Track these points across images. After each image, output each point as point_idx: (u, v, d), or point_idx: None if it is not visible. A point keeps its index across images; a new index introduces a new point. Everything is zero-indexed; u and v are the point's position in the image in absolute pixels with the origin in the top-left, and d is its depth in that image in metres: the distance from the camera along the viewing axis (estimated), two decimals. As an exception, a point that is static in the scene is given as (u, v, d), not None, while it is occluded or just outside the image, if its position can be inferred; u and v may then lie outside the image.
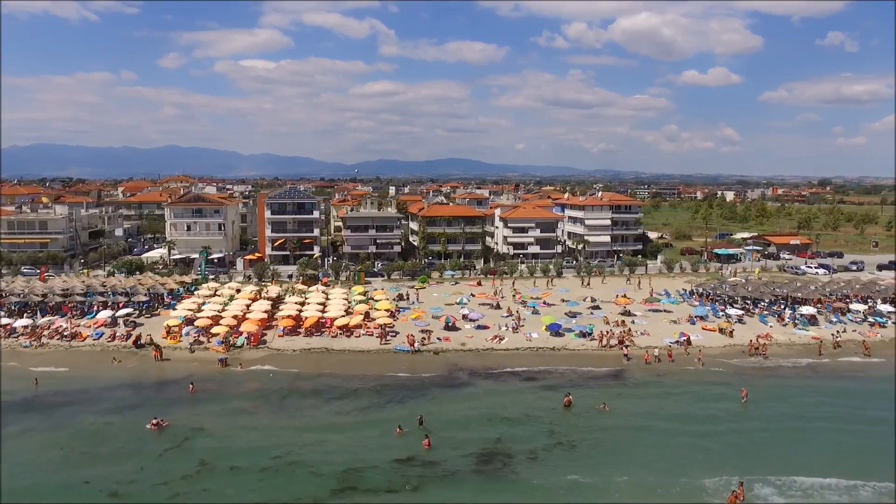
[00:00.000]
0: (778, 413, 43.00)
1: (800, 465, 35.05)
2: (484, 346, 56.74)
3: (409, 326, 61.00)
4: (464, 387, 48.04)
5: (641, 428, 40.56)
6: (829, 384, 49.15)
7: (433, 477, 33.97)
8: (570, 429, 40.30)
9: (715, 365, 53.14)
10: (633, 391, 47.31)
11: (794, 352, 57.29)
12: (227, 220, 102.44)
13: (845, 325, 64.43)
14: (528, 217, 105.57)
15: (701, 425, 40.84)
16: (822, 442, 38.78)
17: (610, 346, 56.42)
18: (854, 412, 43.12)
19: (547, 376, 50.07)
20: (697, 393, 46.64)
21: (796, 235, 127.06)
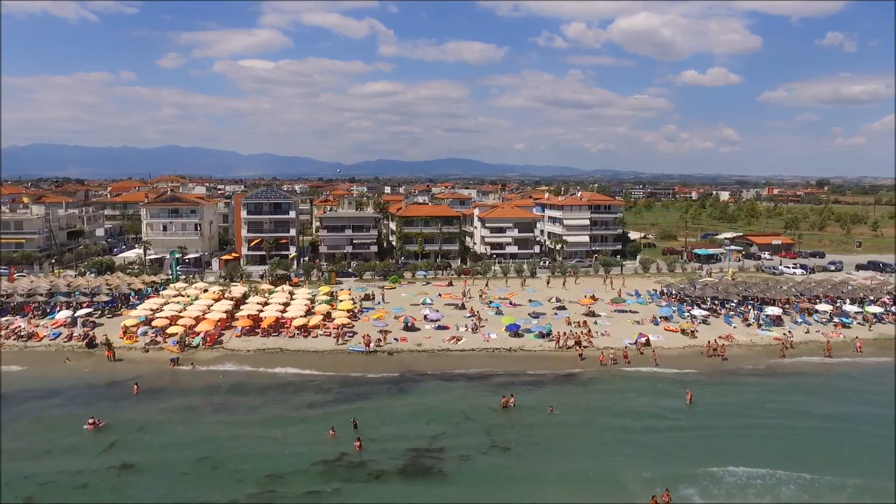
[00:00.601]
0: (720, 414, 42.59)
1: (730, 462, 35.04)
2: (440, 347, 56.34)
3: (369, 327, 60.63)
4: (411, 388, 47.62)
5: (581, 428, 40.29)
6: (779, 384, 48.80)
7: (358, 478, 33.70)
8: (508, 430, 40.04)
9: (672, 366, 52.67)
10: (581, 392, 46.93)
11: (755, 353, 56.78)
12: (204, 221, 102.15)
13: (810, 325, 64.05)
14: (505, 217, 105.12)
15: (642, 426, 40.45)
16: (757, 441, 38.56)
17: (567, 346, 55.98)
18: (795, 411, 43.03)
19: (498, 378, 49.62)
20: (646, 394, 46.19)
21: (778, 236, 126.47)
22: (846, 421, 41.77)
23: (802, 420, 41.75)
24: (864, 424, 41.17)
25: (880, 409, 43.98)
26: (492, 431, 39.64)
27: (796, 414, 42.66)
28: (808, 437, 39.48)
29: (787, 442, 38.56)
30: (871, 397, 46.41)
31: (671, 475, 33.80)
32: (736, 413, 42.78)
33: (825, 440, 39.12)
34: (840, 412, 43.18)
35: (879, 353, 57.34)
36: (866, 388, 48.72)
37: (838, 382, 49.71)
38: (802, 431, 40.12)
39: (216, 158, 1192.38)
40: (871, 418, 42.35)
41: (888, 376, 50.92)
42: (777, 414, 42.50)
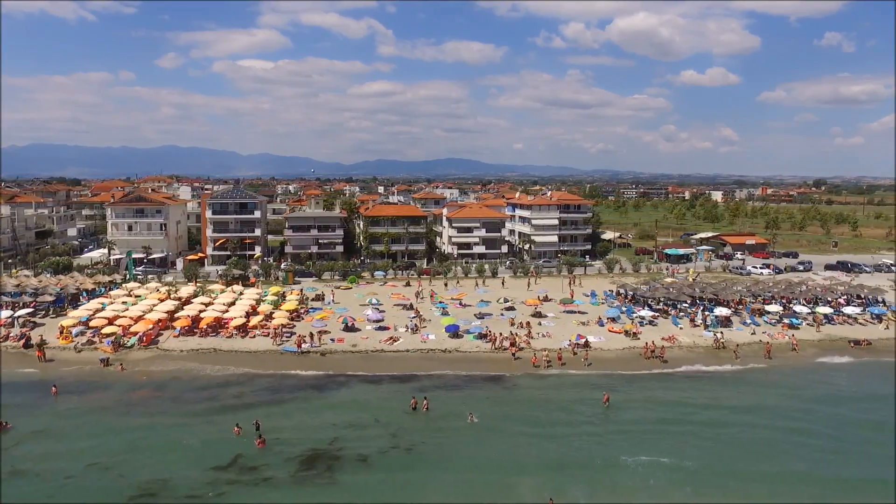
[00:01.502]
0: (635, 416, 42.09)
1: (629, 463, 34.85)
2: (374, 348, 55.84)
3: (310, 327, 60.15)
4: (332, 389, 47.14)
5: (491, 430, 39.74)
6: (707, 386, 48.26)
7: (245, 481, 33.26)
8: (415, 432, 39.60)
9: (605, 368, 52.04)
10: (503, 394, 46.41)
11: (695, 355, 56.05)
12: (170, 221, 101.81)
13: (758, 326, 63.34)
14: (473, 217, 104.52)
15: (553, 428, 39.95)
16: (662, 443, 38.12)
17: (502, 348, 55.39)
18: (714, 412, 42.62)
19: (424, 379, 49.09)
20: (567, 396, 45.61)
21: (753, 236, 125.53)
22: (757, 420, 41.78)
23: (717, 421, 41.42)
24: (771, 424, 40.97)
25: (800, 409, 43.69)
26: (398, 433, 39.17)
27: (712, 415, 42.32)
28: (718, 436, 39.35)
29: (696, 441, 38.38)
30: (790, 397, 46.45)
31: (565, 476, 33.81)
32: (652, 414, 42.30)
33: (733, 440, 38.96)
34: (753, 412, 43.12)
35: (820, 354, 56.59)
36: (791, 388, 48.39)
37: (768, 383, 49.24)
38: (715, 432, 39.88)
39: (215, 158, 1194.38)
40: (786, 417, 42.42)
41: (815, 375, 51.14)
42: (693, 416, 42.05)
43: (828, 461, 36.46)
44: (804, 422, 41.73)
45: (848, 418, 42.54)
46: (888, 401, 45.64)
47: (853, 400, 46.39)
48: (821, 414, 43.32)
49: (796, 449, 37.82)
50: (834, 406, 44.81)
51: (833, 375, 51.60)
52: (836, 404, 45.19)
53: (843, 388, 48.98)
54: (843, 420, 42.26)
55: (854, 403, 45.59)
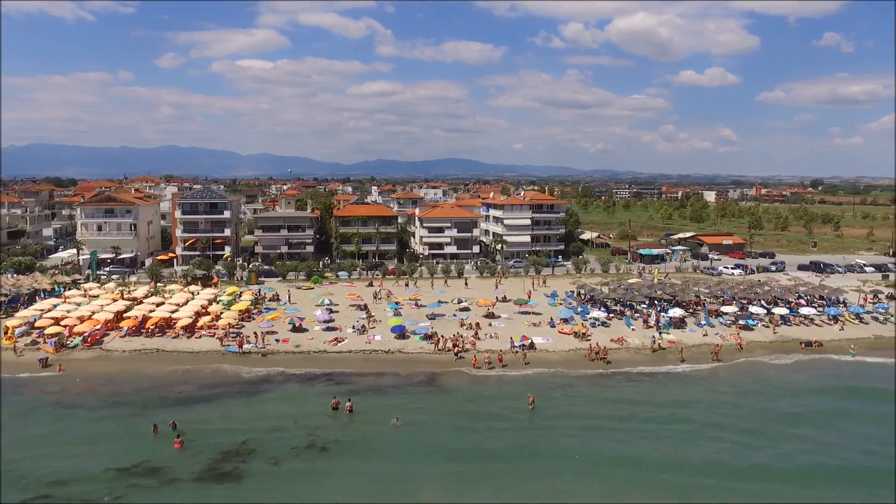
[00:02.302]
0: (556, 417, 41.84)
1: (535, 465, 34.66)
2: (317, 349, 55.50)
3: (257, 327, 59.88)
4: (265, 390, 46.80)
5: (411, 431, 39.48)
6: (641, 388, 47.81)
7: (147, 484, 32.94)
8: (333, 432, 39.53)
9: (550, 369, 51.59)
10: (435, 396, 46.05)
11: (641, 356, 55.51)
12: (140, 221, 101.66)
13: (713, 327, 62.84)
14: (444, 217, 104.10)
15: (472, 429, 39.68)
16: (577, 440, 38.37)
17: (445, 349, 55.00)
18: (634, 414, 42.38)
19: (361, 380, 48.78)
20: (498, 398, 45.25)
21: (731, 236, 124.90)
22: (679, 416, 42.25)
23: (633, 423, 41.32)
24: (697, 426, 40.60)
25: (728, 404, 43.74)
26: (316, 434, 38.92)
27: (638, 413, 42.47)
28: (635, 431, 39.79)
29: (611, 437, 38.83)
30: (722, 393, 46.60)
31: (473, 474, 34.14)
32: (576, 414, 42.24)
33: (649, 434, 39.42)
34: (679, 409, 43.48)
35: (768, 355, 56.00)
36: (725, 386, 48.35)
37: (705, 382, 49.03)
38: (633, 427, 40.29)
39: (215, 158, 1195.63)
40: (710, 413, 42.84)
41: (755, 374, 50.86)
42: (612, 419, 41.78)
43: (731, 451, 37.25)
44: (727, 417, 42.28)
45: (773, 412, 43.22)
46: (819, 395, 46.86)
47: (783, 395, 46.74)
48: (746, 409, 43.68)
49: (707, 441, 38.56)
50: (763, 401, 45.23)
51: (773, 374, 51.32)
52: (765, 400, 45.63)
53: (778, 384, 49.10)
54: (767, 414, 42.92)
55: (783, 399, 46.00)
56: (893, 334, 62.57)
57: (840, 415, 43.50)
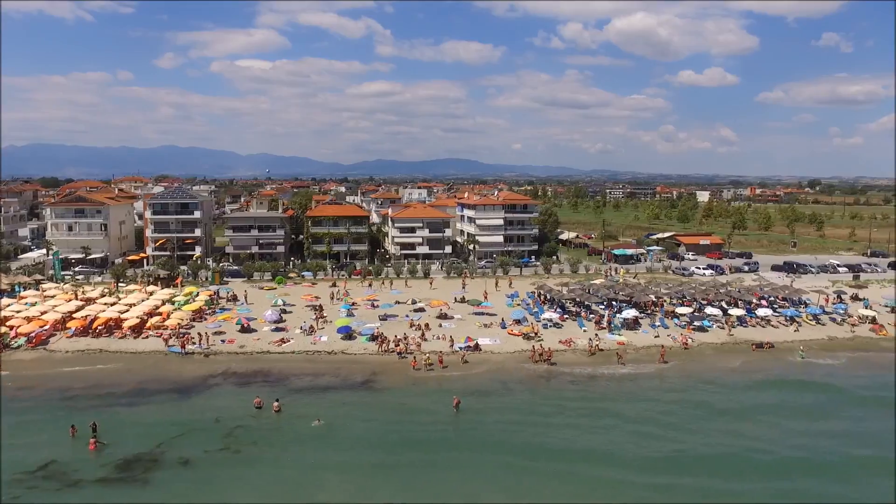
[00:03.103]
0: (480, 418, 41.59)
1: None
2: (261, 350, 55.26)
3: (205, 328, 59.65)
4: (197, 391, 46.52)
5: (332, 433, 39.18)
6: (574, 390, 47.38)
7: (48, 486, 32.70)
8: (253, 433, 39.25)
9: (491, 370, 51.27)
10: (366, 397, 45.70)
11: (588, 358, 55.08)
12: (111, 221, 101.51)
13: (667, 329, 62.37)
14: (416, 217, 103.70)
15: (394, 431, 39.46)
16: (493, 440, 38.48)
17: (389, 350, 54.67)
18: (554, 411, 42.51)
19: (297, 381, 48.54)
20: (427, 400, 44.83)
21: (709, 236, 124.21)
22: (601, 412, 42.80)
23: (557, 418, 41.65)
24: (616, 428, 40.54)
25: (653, 400, 43.34)
26: (235, 434, 38.74)
27: (556, 414, 42.47)
28: (555, 431, 39.93)
29: (525, 436, 38.85)
30: (656, 389, 47.02)
31: (380, 476, 34.08)
32: (499, 415, 42.12)
33: (564, 432, 39.65)
34: (602, 405, 44.13)
35: (716, 357, 55.56)
36: (660, 385, 48.28)
37: (641, 383, 48.76)
38: (552, 428, 40.39)
39: (214, 158, 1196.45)
40: (634, 410, 43.34)
41: (696, 373, 50.50)
42: (538, 416, 41.94)
43: (644, 444, 38.15)
44: (655, 413, 42.93)
45: (700, 407, 44.18)
46: (755, 391, 47.85)
47: (716, 392, 47.29)
48: (673, 404, 44.41)
49: (629, 436, 39.31)
50: (693, 397, 46.03)
51: (712, 374, 51.19)
52: (696, 396, 46.39)
53: (716, 382, 49.55)
54: (695, 409, 43.89)
55: (715, 395, 46.60)
56: (848, 335, 62.20)
57: (773, 410, 44.15)
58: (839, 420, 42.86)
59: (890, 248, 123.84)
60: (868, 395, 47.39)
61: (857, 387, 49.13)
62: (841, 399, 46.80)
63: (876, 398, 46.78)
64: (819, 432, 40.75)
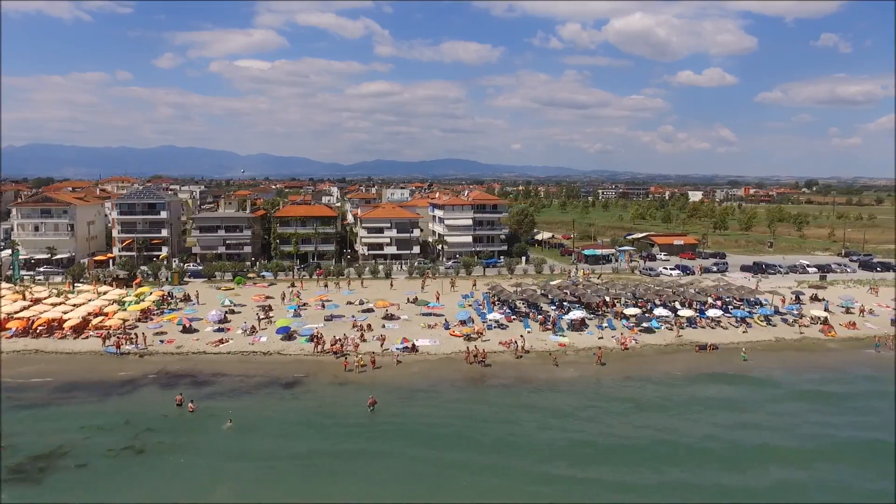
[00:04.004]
0: (393, 419, 41.43)
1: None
2: (197, 350, 55.03)
3: (145, 328, 59.49)
4: (122, 391, 46.15)
5: (241, 434, 38.92)
6: (492, 394, 47.05)
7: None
8: (161, 434, 39.07)
9: (423, 371, 50.94)
10: (288, 398, 45.36)
11: (526, 360, 54.61)
12: (79, 221, 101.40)
13: (614, 330, 61.90)
14: (383, 217, 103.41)
15: (304, 433, 39.27)
16: (397, 439, 38.55)
17: (324, 351, 54.38)
18: (468, 420, 41.73)
19: (226, 381, 48.30)
20: (349, 400, 44.54)
21: (683, 236, 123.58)
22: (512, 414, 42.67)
23: (469, 421, 41.26)
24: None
25: (566, 404, 43.00)
26: (142, 435, 38.58)
27: (470, 417, 42.07)
28: (457, 430, 39.87)
29: (433, 436, 38.08)
30: (572, 393, 46.09)
31: (272, 478, 33.60)
32: (412, 416, 41.95)
33: (469, 434, 39.42)
34: (518, 411, 43.44)
35: (658, 359, 55.14)
36: (584, 388, 47.70)
37: (564, 386, 48.30)
38: (462, 428, 40.30)
39: (213, 158, 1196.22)
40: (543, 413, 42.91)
41: (628, 375, 49.77)
42: (451, 417, 41.77)
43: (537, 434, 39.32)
44: (566, 407, 43.50)
45: (615, 402, 45.12)
46: (676, 386, 48.57)
47: (637, 388, 48.05)
48: (593, 403, 44.80)
49: (541, 430, 39.82)
50: (616, 394, 46.53)
51: (643, 374, 51.15)
52: (617, 392, 46.96)
53: (646, 378, 50.03)
54: (614, 404, 44.59)
55: (639, 391, 47.13)
56: (796, 336, 61.67)
57: (699, 403, 45.12)
58: (764, 413, 43.53)
59: (866, 249, 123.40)
60: (808, 390, 48.06)
61: (793, 382, 49.81)
62: (774, 394, 47.42)
63: (812, 392, 47.64)
64: (737, 424, 41.44)
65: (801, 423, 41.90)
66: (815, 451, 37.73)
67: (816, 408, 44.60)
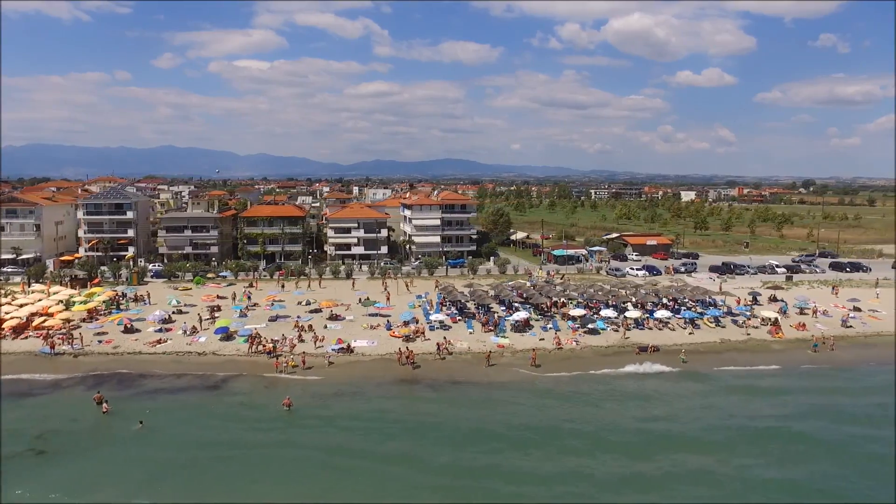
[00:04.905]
0: (306, 420, 41.45)
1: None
2: (133, 350, 54.90)
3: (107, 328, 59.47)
4: (43, 392, 46.22)
5: (148, 435, 38.85)
6: (425, 394, 46.85)
7: None
8: (68, 435, 38.97)
9: (353, 372, 50.66)
10: (208, 400, 45.20)
11: (460, 361, 54.17)
12: (45, 221, 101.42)
13: (558, 331, 61.44)
14: (351, 217, 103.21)
15: (206, 433, 39.25)
16: (307, 438, 38.68)
17: (258, 352, 54.15)
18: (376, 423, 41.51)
19: (152, 382, 48.26)
20: (268, 401, 44.32)
21: (657, 236, 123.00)
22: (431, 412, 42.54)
23: (377, 423, 41.06)
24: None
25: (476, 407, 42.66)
26: (48, 436, 38.53)
27: (378, 420, 41.86)
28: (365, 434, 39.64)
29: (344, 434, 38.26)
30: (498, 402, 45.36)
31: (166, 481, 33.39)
32: (329, 418, 41.77)
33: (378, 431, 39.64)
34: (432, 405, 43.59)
35: (596, 361, 54.65)
36: (509, 391, 47.02)
37: (497, 389, 47.82)
38: (366, 432, 39.96)
39: (213, 159, 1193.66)
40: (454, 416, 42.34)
41: (546, 382, 49.25)
42: (361, 420, 41.51)
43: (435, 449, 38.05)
44: (475, 420, 42.12)
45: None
46: (598, 382, 49.00)
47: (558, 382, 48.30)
48: (497, 412, 43.15)
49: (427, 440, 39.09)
50: (518, 405, 45.02)
51: (577, 371, 51.27)
52: (520, 404, 45.30)
53: (575, 377, 50.15)
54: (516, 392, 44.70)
55: (541, 403, 45.55)
56: (743, 338, 61.18)
57: (607, 396, 46.26)
58: (683, 406, 44.30)
59: (843, 249, 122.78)
60: (738, 385, 48.91)
61: (717, 377, 50.84)
62: (701, 388, 48.10)
63: (739, 387, 48.46)
64: (651, 416, 42.15)
65: (721, 414, 42.76)
66: (722, 440, 38.83)
67: (736, 401, 45.50)
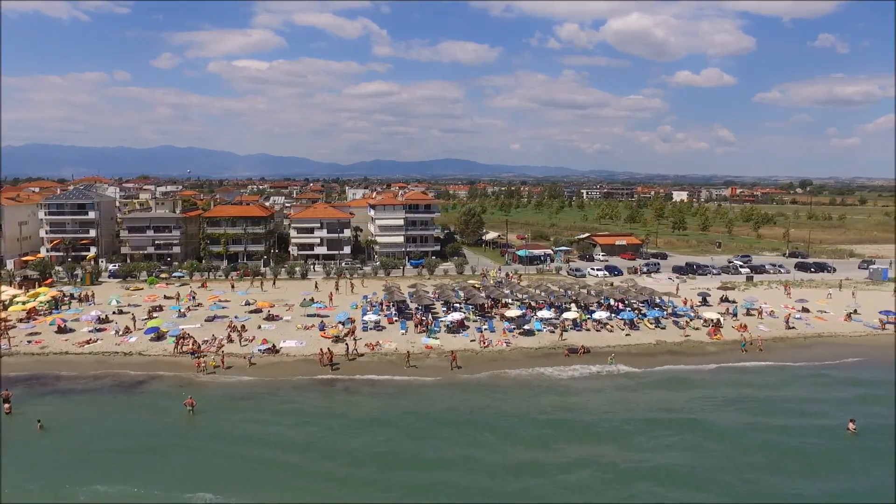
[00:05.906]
0: (218, 418, 41.53)
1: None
2: (59, 350, 54.84)
3: (44, 328, 59.58)
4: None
5: (50, 437, 38.74)
6: (338, 396, 46.74)
7: None
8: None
9: (274, 373, 50.50)
10: (119, 400, 45.03)
11: (382, 363, 53.79)
12: (7, 221, 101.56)
13: (493, 332, 61.11)
14: (313, 217, 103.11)
15: (105, 434, 38.98)
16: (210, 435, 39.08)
17: (182, 353, 54.03)
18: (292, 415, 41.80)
19: (68, 383, 47.99)
20: (172, 401, 44.01)
21: (626, 236, 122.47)
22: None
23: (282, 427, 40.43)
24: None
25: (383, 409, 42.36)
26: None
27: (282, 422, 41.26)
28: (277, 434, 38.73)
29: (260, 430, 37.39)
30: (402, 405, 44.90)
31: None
32: (236, 416, 41.96)
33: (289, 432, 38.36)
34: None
35: (523, 361, 54.30)
36: (421, 394, 46.69)
37: (405, 389, 47.62)
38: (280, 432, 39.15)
39: (212, 159, 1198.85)
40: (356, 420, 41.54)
41: (465, 385, 48.75)
42: (271, 424, 41.01)
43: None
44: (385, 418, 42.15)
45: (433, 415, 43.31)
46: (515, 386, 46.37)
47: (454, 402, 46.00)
48: (410, 411, 42.95)
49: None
50: (432, 406, 44.34)
51: (490, 376, 50.67)
52: (433, 405, 44.69)
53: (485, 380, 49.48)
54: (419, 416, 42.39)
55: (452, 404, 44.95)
56: (679, 339, 60.74)
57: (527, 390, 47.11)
58: (599, 399, 45.47)
59: (818, 248, 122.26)
60: (659, 381, 49.80)
61: (643, 375, 51.24)
62: (624, 383, 48.99)
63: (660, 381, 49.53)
64: (561, 406, 43.38)
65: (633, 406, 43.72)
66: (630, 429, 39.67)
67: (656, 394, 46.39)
